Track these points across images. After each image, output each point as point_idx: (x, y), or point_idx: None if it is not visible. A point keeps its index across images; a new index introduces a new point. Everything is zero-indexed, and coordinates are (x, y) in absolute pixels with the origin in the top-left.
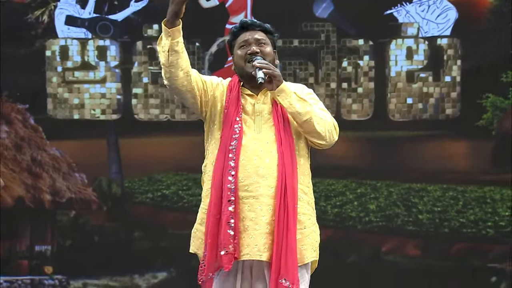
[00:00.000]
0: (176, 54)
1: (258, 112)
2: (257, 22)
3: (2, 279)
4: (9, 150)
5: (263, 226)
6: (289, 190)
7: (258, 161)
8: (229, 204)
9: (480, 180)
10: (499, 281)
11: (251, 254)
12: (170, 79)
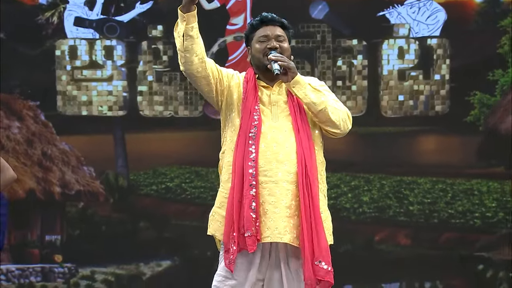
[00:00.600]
0: (191, 39)
1: (274, 102)
2: (276, 18)
3: (14, 267)
4: (20, 145)
5: (283, 209)
6: (310, 175)
7: (278, 148)
8: (251, 188)
9: (468, 173)
10: (486, 269)
11: (271, 236)
12: (185, 64)
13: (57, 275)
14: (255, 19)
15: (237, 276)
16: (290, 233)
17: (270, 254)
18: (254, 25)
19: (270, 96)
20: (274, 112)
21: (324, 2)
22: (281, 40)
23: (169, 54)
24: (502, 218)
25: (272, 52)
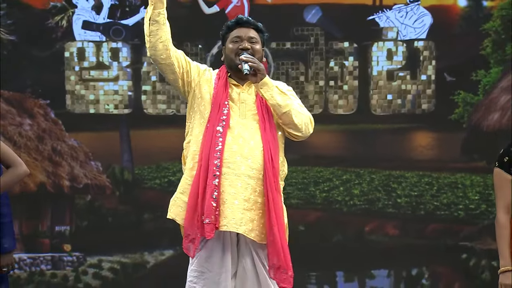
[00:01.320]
0: (157, 24)
1: (243, 100)
2: (251, 20)
3: (26, 256)
4: (32, 141)
5: (241, 202)
6: (275, 173)
7: (243, 143)
8: (214, 178)
9: (452, 167)
10: (469, 258)
11: (228, 225)
12: (150, 49)
13: (66, 264)
14: (230, 21)
15: (212, 268)
16: (245, 225)
17: (240, 243)
18: (229, 26)
19: (239, 94)
20: (242, 109)
21: (318, 7)
22: (254, 42)
23: None
24: (484, 210)
25: (244, 53)
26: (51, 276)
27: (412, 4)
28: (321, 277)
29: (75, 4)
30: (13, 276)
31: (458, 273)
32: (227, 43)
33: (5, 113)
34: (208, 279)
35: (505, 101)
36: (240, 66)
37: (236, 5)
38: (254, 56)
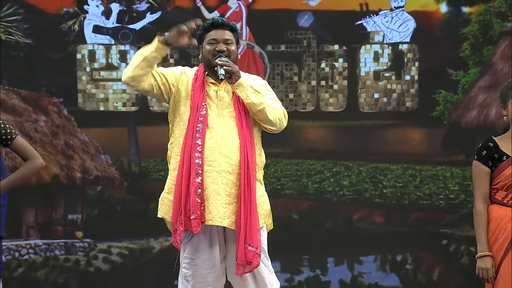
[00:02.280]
0: (148, 66)
1: (220, 98)
2: (226, 22)
3: (41, 242)
4: (46, 136)
5: (224, 197)
6: (250, 168)
7: (222, 141)
8: (197, 176)
9: (434, 161)
10: (449, 243)
11: (213, 220)
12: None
13: (78, 249)
14: (207, 22)
15: (201, 255)
16: (229, 218)
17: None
18: (205, 28)
19: (217, 92)
20: (220, 107)
21: (310, 13)
22: (229, 43)
23: (175, 57)
24: (463, 200)
25: (220, 55)
26: (64, 260)
27: (397, 10)
28: (313, 261)
29: (86, 10)
30: (29, 260)
31: (439, 258)
32: (204, 43)
33: (22, 110)
34: (198, 265)
35: (482, 100)
36: (216, 69)
37: (234, 11)
38: (230, 57)
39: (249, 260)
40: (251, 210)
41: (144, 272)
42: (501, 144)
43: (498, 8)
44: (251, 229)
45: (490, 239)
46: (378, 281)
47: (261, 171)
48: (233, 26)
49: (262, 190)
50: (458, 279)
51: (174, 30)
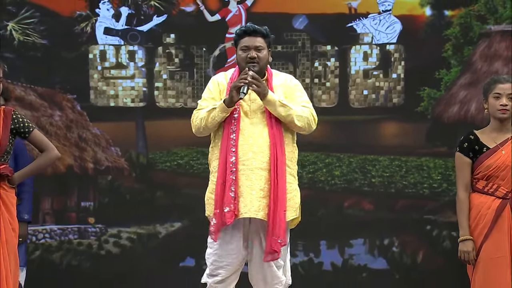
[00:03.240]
0: (218, 124)
1: (253, 100)
2: (258, 29)
3: (56, 227)
4: (61, 130)
5: (258, 192)
6: (279, 164)
7: (253, 141)
8: (231, 174)
9: (418, 152)
10: (432, 229)
11: (248, 213)
12: (200, 133)
13: (90, 234)
14: (240, 28)
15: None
16: (263, 211)
17: (250, 226)
18: (239, 34)
19: (250, 94)
20: (252, 108)
21: (304, 16)
22: (260, 50)
23: (180, 57)
24: (445, 188)
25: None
26: (77, 244)
27: (384, 13)
28: (307, 245)
29: (97, 13)
30: (45, 244)
31: (422, 242)
32: (238, 49)
33: (38, 106)
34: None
35: (463, 96)
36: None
37: (235, 14)
38: (260, 62)
39: (275, 248)
40: (278, 203)
41: (151, 255)
42: (481, 137)
43: (478, 12)
44: (279, 220)
45: (471, 224)
46: (367, 263)
47: (294, 167)
48: (264, 32)
49: (294, 185)
50: (440, 261)
51: (233, 90)
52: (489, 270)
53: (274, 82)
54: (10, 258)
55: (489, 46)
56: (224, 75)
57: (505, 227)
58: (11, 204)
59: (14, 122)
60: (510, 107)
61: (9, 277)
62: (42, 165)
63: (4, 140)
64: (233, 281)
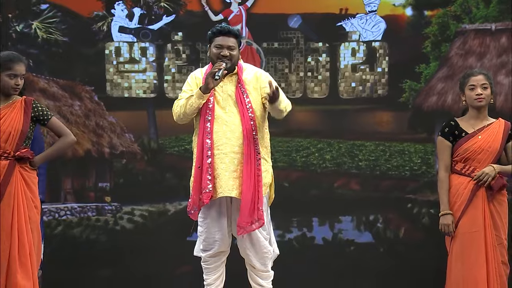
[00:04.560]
0: (196, 110)
1: (225, 91)
2: (232, 30)
3: (76, 205)
4: (80, 118)
5: (231, 173)
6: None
7: (226, 128)
8: (207, 158)
9: (401, 138)
10: (413, 207)
11: (223, 192)
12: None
13: (107, 211)
14: (216, 27)
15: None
16: (237, 190)
17: (232, 205)
18: (214, 32)
19: (222, 86)
20: (225, 98)
21: (298, 16)
22: (232, 49)
23: (187, 53)
24: (424, 171)
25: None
26: (95, 220)
27: (370, 14)
28: (301, 222)
29: (113, 13)
30: (66, 220)
31: (404, 218)
32: (212, 47)
33: (60, 97)
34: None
35: (440, 88)
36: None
37: (236, 14)
38: (232, 60)
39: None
40: (250, 182)
41: (161, 230)
42: (461, 123)
43: (454, 12)
44: (252, 197)
45: (450, 202)
46: (354, 238)
47: (266, 150)
48: (237, 33)
49: (265, 166)
50: (420, 235)
51: (209, 77)
52: (465, 243)
53: (244, 75)
54: (33, 234)
55: (464, 43)
56: (200, 71)
57: (480, 205)
58: (33, 184)
59: (34, 111)
60: (484, 96)
61: (33, 250)
62: (60, 149)
63: (26, 127)
64: (225, 255)
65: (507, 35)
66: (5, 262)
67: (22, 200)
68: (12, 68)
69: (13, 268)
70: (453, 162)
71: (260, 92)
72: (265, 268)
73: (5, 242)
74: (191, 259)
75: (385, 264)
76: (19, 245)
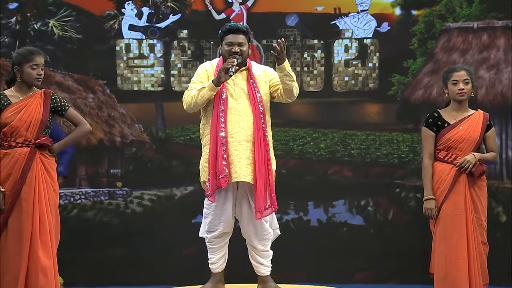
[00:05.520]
0: (206, 101)
1: (237, 84)
2: (240, 28)
3: (90, 190)
4: (93, 109)
5: (244, 159)
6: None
7: (239, 118)
8: (222, 146)
9: (390, 128)
10: (401, 191)
11: (238, 177)
12: (190, 109)
13: (118, 196)
14: (225, 26)
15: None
16: (250, 175)
17: (238, 190)
18: (224, 31)
19: (234, 79)
20: (237, 91)
21: (295, 15)
22: (242, 45)
23: (191, 49)
24: (411, 158)
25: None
26: (107, 204)
27: (362, 13)
28: (297, 205)
29: (123, 13)
30: (81, 204)
31: (393, 202)
32: (223, 44)
33: (75, 90)
34: (215, 207)
35: (426, 82)
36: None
37: (237, 13)
38: (242, 55)
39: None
40: (263, 168)
41: (168, 213)
42: (444, 115)
43: (439, 12)
44: (264, 182)
45: (434, 187)
46: (346, 220)
47: (271, 140)
48: (245, 30)
49: (271, 154)
50: (407, 217)
51: (222, 72)
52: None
53: (254, 71)
54: (52, 215)
55: (448, 40)
56: (210, 64)
57: (462, 190)
58: (52, 169)
59: (53, 102)
60: (466, 90)
61: (52, 230)
62: (76, 137)
63: (45, 117)
64: (228, 236)
65: (488, 33)
66: (28, 241)
67: (42, 184)
68: (34, 60)
69: (35, 246)
70: (436, 151)
71: (269, 83)
72: (265, 248)
73: (27, 222)
74: (196, 240)
75: (375, 244)
76: (40, 226)
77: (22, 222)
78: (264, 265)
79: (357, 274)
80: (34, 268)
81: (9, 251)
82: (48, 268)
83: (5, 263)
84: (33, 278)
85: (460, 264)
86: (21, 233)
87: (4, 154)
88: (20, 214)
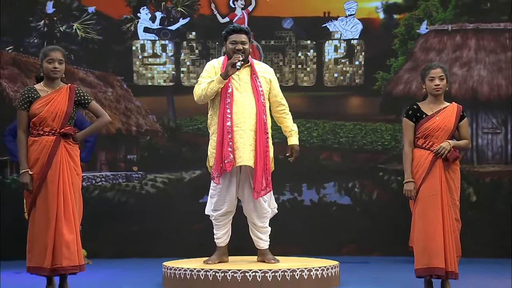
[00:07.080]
0: (215, 93)
1: (241, 79)
2: (243, 28)
3: (109, 173)
4: (112, 102)
5: (247, 146)
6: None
7: (244, 109)
8: (228, 134)
9: (374, 119)
10: (383, 175)
11: (242, 162)
12: (200, 101)
13: (134, 178)
14: (229, 27)
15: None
16: (252, 159)
17: (241, 174)
18: (228, 31)
19: (238, 75)
20: (241, 85)
21: (291, 18)
22: (244, 44)
23: (199, 49)
24: (393, 145)
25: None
26: (125, 186)
27: (350, 17)
28: (292, 187)
29: (139, 16)
30: (101, 185)
31: (377, 184)
32: (228, 43)
33: (96, 85)
34: (220, 188)
35: (406, 78)
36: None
37: (240, 17)
38: (245, 52)
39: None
40: (263, 154)
41: (179, 194)
42: (422, 106)
43: (418, 16)
44: (266, 165)
45: (413, 171)
46: (336, 200)
47: (270, 129)
48: (247, 30)
49: (270, 143)
50: (389, 197)
51: (229, 66)
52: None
53: (256, 69)
54: (75, 196)
55: (426, 41)
56: (217, 61)
57: (437, 173)
58: (75, 155)
59: (77, 95)
60: (441, 86)
61: (75, 208)
62: (98, 127)
63: (69, 109)
64: (231, 214)
65: (461, 34)
66: (54, 218)
67: (66, 168)
68: (49, 55)
69: (59, 223)
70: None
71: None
72: (264, 225)
73: (53, 202)
74: (203, 217)
75: (361, 221)
76: (64, 205)
77: (48, 201)
78: (263, 240)
79: (345, 247)
80: (58, 241)
81: (37, 226)
82: (71, 242)
83: (35, 236)
84: (58, 250)
85: (436, 238)
86: (47, 211)
87: (33, 142)
88: (46, 194)
